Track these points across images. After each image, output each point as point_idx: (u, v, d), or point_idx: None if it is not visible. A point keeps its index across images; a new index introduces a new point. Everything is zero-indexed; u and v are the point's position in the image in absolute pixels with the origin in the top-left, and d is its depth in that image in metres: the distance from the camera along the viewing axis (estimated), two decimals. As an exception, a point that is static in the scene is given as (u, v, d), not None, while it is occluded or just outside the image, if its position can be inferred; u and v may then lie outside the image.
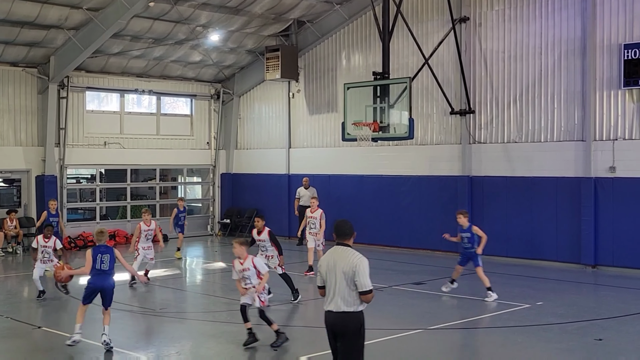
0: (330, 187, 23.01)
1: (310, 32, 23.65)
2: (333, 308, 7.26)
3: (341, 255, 7.30)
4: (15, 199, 22.23)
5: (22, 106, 21.82)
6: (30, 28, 19.88)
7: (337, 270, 7.24)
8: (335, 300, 7.24)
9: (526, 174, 18.87)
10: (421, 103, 20.74)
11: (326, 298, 7.36)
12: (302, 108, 24.31)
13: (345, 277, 7.19)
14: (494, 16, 19.44)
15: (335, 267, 7.27)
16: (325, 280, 7.36)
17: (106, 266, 10.74)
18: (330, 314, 7.29)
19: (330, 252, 7.45)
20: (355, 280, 7.17)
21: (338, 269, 7.24)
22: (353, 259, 7.23)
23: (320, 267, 7.45)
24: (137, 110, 25.06)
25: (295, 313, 13.43)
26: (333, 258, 7.34)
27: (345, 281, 7.19)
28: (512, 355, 10.49)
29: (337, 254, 7.35)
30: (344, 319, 7.23)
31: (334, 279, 7.25)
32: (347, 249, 7.36)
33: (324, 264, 7.39)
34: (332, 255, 7.39)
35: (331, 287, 7.28)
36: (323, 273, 7.39)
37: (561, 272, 17.35)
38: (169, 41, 22.46)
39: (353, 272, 7.17)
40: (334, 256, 7.36)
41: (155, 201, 25.28)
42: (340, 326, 7.25)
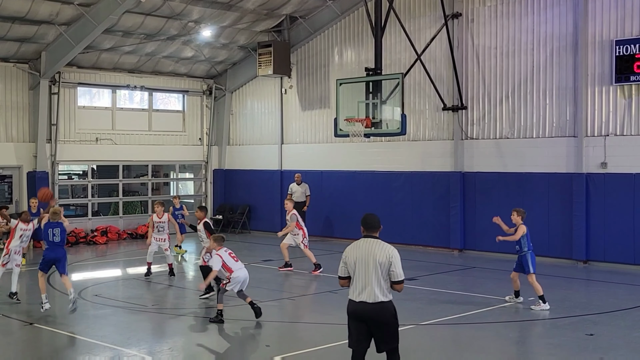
0: (322, 183, 23.02)
1: (302, 28, 23.62)
2: (367, 299, 7.38)
3: (375, 247, 7.47)
4: (7, 195, 22.13)
5: (13, 102, 21.73)
6: (21, 23, 19.78)
7: (371, 261, 7.39)
8: (370, 291, 7.38)
9: (518, 169, 18.92)
10: (413, 99, 20.75)
11: (354, 288, 7.48)
12: (295, 104, 24.29)
13: (381, 267, 7.38)
14: (487, 12, 19.46)
15: (369, 258, 7.42)
16: (355, 271, 7.47)
17: (57, 238, 12.46)
18: (365, 304, 7.39)
19: (360, 244, 7.57)
20: (391, 271, 7.39)
21: (372, 260, 7.39)
22: (388, 249, 7.46)
23: (347, 258, 7.57)
24: (129, 106, 24.99)
25: (283, 309, 13.43)
26: (365, 250, 7.48)
27: (380, 271, 7.38)
28: (503, 350, 10.53)
29: (370, 246, 7.50)
30: (382, 308, 7.41)
31: (369, 269, 7.39)
32: (378, 241, 7.55)
33: (353, 256, 7.52)
34: (363, 247, 7.52)
35: (364, 278, 7.41)
36: (351, 264, 7.51)
37: (553, 267, 17.40)
38: (161, 37, 22.40)
39: (389, 262, 7.39)
40: (366, 248, 7.50)
41: (148, 197, 25.22)
42: (378, 316, 7.41)
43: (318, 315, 12.74)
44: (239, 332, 11.52)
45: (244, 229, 25.19)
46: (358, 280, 7.45)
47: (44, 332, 11.43)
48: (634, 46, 16.83)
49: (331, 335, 11.19)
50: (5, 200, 21.91)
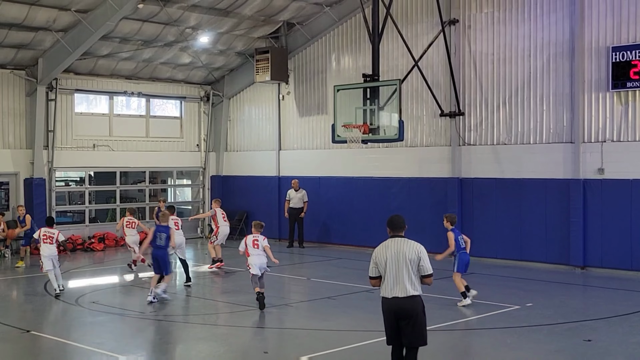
0: (320, 189, 23.02)
1: (300, 34, 23.65)
2: (400, 293, 7.91)
3: (403, 245, 8.05)
4: (4, 202, 22.09)
5: (10, 108, 21.70)
6: (18, 30, 19.78)
7: (402, 259, 7.94)
8: (402, 286, 7.92)
9: (515, 175, 18.93)
10: (411, 105, 20.77)
11: (386, 286, 8.00)
12: (292, 110, 24.30)
13: (411, 263, 7.94)
14: (483, 19, 19.51)
15: (399, 256, 7.95)
16: (386, 270, 7.97)
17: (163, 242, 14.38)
18: (397, 299, 7.92)
19: (389, 244, 8.10)
20: (421, 265, 7.96)
21: (403, 257, 7.94)
22: (416, 246, 8.07)
23: (377, 258, 8.08)
24: (127, 112, 24.97)
25: (281, 315, 13.41)
26: (395, 248, 8.03)
27: (411, 267, 7.94)
28: (501, 357, 10.52)
29: (399, 244, 8.06)
30: (413, 302, 7.94)
31: (400, 267, 7.93)
32: (405, 239, 8.15)
33: (384, 255, 8.02)
34: (392, 246, 8.06)
35: (395, 275, 7.94)
36: (382, 264, 8.01)
37: (550, 273, 17.42)
38: (158, 43, 22.41)
39: (419, 257, 7.97)
40: (395, 246, 8.04)
41: (145, 204, 25.18)
42: (409, 309, 7.93)
43: (317, 321, 12.72)
44: (237, 339, 11.50)
45: (242, 236, 25.11)
46: (390, 278, 7.96)
47: (41, 339, 11.39)
48: (630, 53, 16.87)
49: (330, 341, 11.18)
50: (2, 207, 21.88)
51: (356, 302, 14.31)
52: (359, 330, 11.78)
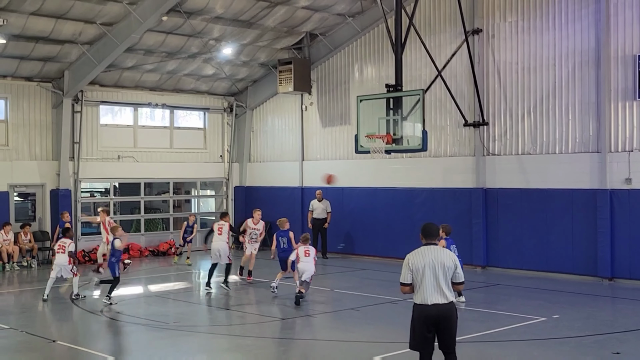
0: (343, 200, 22.97)
1: (322, 45, 23.69)
2: (440, 300, 8.01)
3: (439, 253, 8.19)
4: (30, 213, 22.32)
5: (36, 120, 21.97)
6: (45, 43, 20.04)
7: (440, 266, 8.05)
8: (441, 293, 8.02)
9: (541, 185, 18.74)
10: (434, 115, 20.69)
11: (424, 293, 8.04)
12: (315, 120, 24.32)
13: (448, 271, 8.08)
14: (507, 28, 19.40)
15: (436, 263, 8.06)
16: (424, 277, 8.03)
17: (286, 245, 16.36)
18: (437, 306, 8.00)
19: (424, 252, 8.19)
20: (457, 273, 8.16)
21: (441, 264, 8.06)
22: (451, 254, 8.28)
23: (413, 265, 8.12)
24: (151, 123, 25.16)
25: (306, 326, 13.35)
26: (432, 256, 8.12)
27: (447, 274, 8.08)
28: (528, 370, 10.38)
29: (434, 252, 8.17)
30: (451, 308, 8.10)
31: (437, 274, 8.03)
32: (440, 247, 8.35)
33: (421, 262, 8.08)
34: (429, 254, 8.15)
35: (433, 282, 8.02)
36: (419, 271, 8.07)
37: (577, 284, 17.19)
38: (182, 55, 22.57)
39: (455, 265, 8.16)
40: (432, 254, 8.14)
41: (169, 214, 25.32)
42: (447, 315, 8.06)
43: (340, 332, 12.65)
44: (261, 350, 11.47)
45: (265, 246, 25.15)
46: (428, 285, 8.03)
47: (66, 349, 11.44)
48: (658, 61, 16.66)
49: (354, 352, 11.11)
50: (29, 218, 22.11)
51: (380, 313, 14.22)
52: (382, 341, 11.69)
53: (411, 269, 8.12)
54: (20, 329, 12.74)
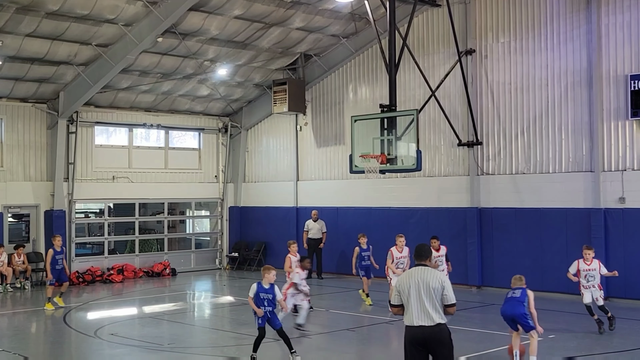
0: (338, 219, 22.98)
1: (317, 66, 23.82)
2: (426, 322, 7.87)
3: (426, 274, 8.02)
4: (24, 234, 22.25)
5: (31, 141, 21.97)
6: (40, 64, 20.10)
7: (425, 288, 7.92)
8: (428, 315, 7.89)
9: (535, 205, 18.80)
10: (428, 135, 20.78)
11: (411, 314, 7.95)
12: (310, 141, 24.38)
13: (435, 292, 7.90)
14: (500, 48, 19.55)
15: (422, 284, 7.94)
16: (410, 298, 7.94)
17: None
18: (424, 328, 7.87)
19: (412, 272, 8.11)
20: (445, 295, 7.93)
21: (426, 286, 7.92)
22: (439, 275, 8.07)
23: (401, 286, 8.05)
24: (146, 144, 25.17)
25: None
26: (418, 277, 8.00)
27: (434, 296, 7.90)
28: (524, 390, 10.35)
29: (422, 273, 8.04)
30: (441, 330, 7.91)
31: (424, 295, 7.91)
32: (428, 269, 8.14)
33: (407, 283, 7.99)
34: (416, 275, 8.04)
35: (420, 304, 7.91)
36: (405, 292, 7.99)
37: (572, 304, 17.14)
38: (177, 76, 22.65)
39: (442, 287, 7.94)
40: (418, 275, 8.02)
41: (164, 235, 25.27)
42: (437, 338, 7.89)
43: (336, 354, 12.61)
44: (255, 372, 11.42)
45: (260, 267, 25.09)
46: (415, 306, 7.93)
47: (60, 372, 11.38)
48: (649, 81, 16.80)
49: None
50: (23, 239, 22.03)
51: (375, 333, 14.18)
52: (378, 362, 11.65)
53: (398, 290, 8.08)
54: (13, 352, 12.65)
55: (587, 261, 13.73)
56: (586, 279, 13.75)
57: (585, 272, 13.74)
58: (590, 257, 13.75)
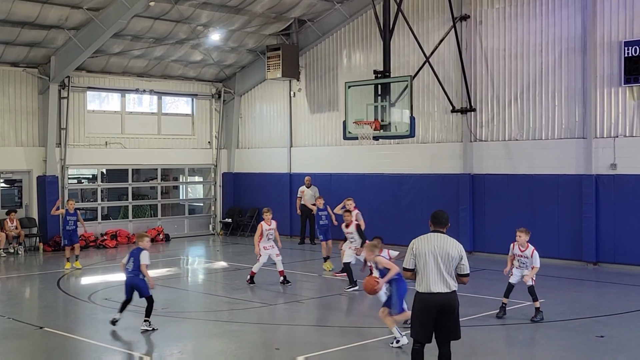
0: (331, 186, 23.01)
1: (311, 31, 23.65)
2: (443, 289, 7.86)
3: (445, 241, 7.96)
4: (17, 200, 22.24)
5: (22, 106, 21.84)
6: (31, 28, 19.89)
7: (444, 255, 7.87)
8: (445, 282, 7.87)
9: (527, 171, 18.87)
10: (422, 101, 20.74)
11: (427, 281, 7.88)
12: (304, 107, 24.31)
13: (453, 261, 7.88)
14: (495, 14, 19.43)
15: (441, 251, 7.88)
16: (427, 264, 7.87)
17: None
18: (440, 294, 7.85)
19: (429, 238, 8.01)
20: (462, 264, 7.95)
21: (445, 253, 7.87)
22: (458, 245, 8.01)
23: (418, 250, 7.95)
24: (138, 110, 25.06)
25: (294, 311, 13.43)
26: (437, 244, 7.93)
27: (451, 264, 7.88)
28: (513, 353, 10.50)
29: (440, 240, 7.97)
30: (455, 296, 7.95)
31: (441, 263, 7.85)
32: (446, 236, 8.05)
33: (424, 249, 7.91)
34: (434, 241, 7.96)
35: (436, 270, 7.85)
36: (422, 256, 7.90)
37: (562, 269, 17.34)
38: (170, 41, 22.46)
39: (460, 256, 7.94)
40: (437, 242, 7.95)
41: (157, 201, 25.28)
42: (451, 304, 7.92)
43: (328, 318, 12.73)
44: (249, 335, 11.53)
45: (253, 232, 25.19)
46: (431, 273, 7.86)
47: (54, 336, 11.46)
48: (643, 47, 16.76)
49: (341, 337, 11.19)
50: (15, 205, 22.02)
51: (367, 298, 14.30)
52: (369, 326, 11.77)
53: (414, 254, 7.97)
54: (7, 316, 12.74)
55: (521, 246, 12.34)
56: (519, 263, 12.37)
57: (518, 258, 12.35)
58: (524, 242, 12.34)
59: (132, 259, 11.71)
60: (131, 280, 11.71)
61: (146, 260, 11.58)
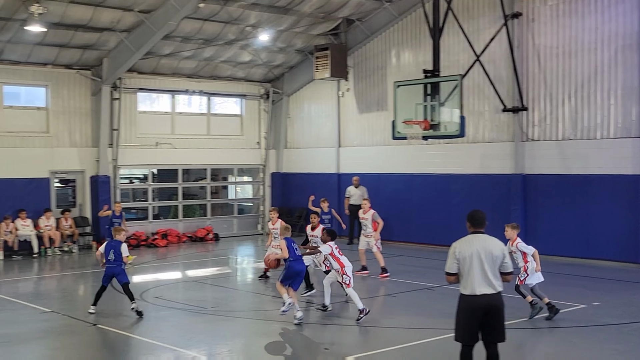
0: (380, 186, 22.89)
1: (359, 31, 23.56)
2: (488, 290, 7.79)
3: (487, 241, 7.90)
4: (71, 199, 22.68)
5: (76, 108, 22.26)
6: (84, 31, 20.26)
7: (487, 256, 7.79)
8: (490, 283, 7.80)
9: (581, 171, 18.45)
10: (472, 100, 20.47)
11: (471, 283, 7.80)
12: (352, 107, 24.24)
13: (496, 260, 7.83)
14: (548, 11, 19.06)
15: (485, 252, 7.80)
16: (472, 266, 7.78)
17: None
18: (486, 296, 7.78)
19: (471, 240, 7.92)
20: (505, 262, 7.90)
21: (488, 254, 7.80)
22: (499, 243, 7.94)
23: (461, 254, 7.85)
24: (188, 110, 25.34)
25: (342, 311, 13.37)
26: (479, 245, 7.85)
27: (495, 264, 7.83)
28: (567, 356, 10.26)
29: (482, 241, 7.89)
30: (501, 298, 7.89)
31: (486, 264, 7.78)
32: (488, 236, 7.98)
33: (467, 251, 7.82)
34: (476, 243, 7.88)
35: (482, 272, 7.78)
36: (465, 260, 7.81)
37: (618, 271, 16.91)
38: (219, 42, 22.64)
39: (503, 255, 7.89)
40: (479, 243, 7.87)
41: (207, 201, 25.51)
42: (497, 305, 7.85)
43: (377, 318, 12.64)
44: (298, 335, 11.52)
45: (302, 232, 25.20)
46: (476, 275, 7.79)
47: (106, 332, 11.63)
48: None
49: (391, 338, 11.10)
50: (69, 204, 22.46)
51: (417, 299, 14.17)
52: (419, 327, 11.65)
53: (457, 257, 7.86)
54: (62, 313, 12.99)
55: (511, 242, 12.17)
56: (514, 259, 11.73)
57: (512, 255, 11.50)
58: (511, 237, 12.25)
59: (112, 250, 12.71)
60: (112, 269, 12.72)
61: (126, 252, 12.92)
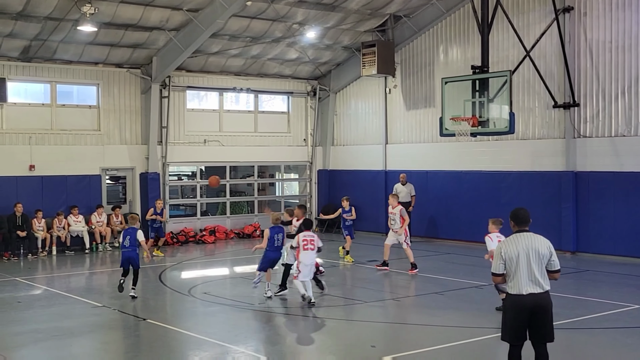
0: (427, 183, 22.72)
1: (406, 27, 23.39)
2: (536, 290, 7.69)
3: (534, 240, 7.79)
4: (121, 196, 23.05)
5: (126, 106, 22.61)
6: (134, 30, 20.55)
7: (535, 254, 7.70)
8: (537, 282, 7.70)
9: (636, 169, 18.00)
10: (522, 97, 20.15)
11: (519, 283, 7.70)
12: (399, 103, 24.09)
13: (543, 259, 7.73)
14: (600, 5, 18.64)
15: (531, 251, 7.71)
16: (518, 266, 7.68)
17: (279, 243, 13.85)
18: (534, 295, 7.68)
19: (517, 239, 7.81)
20: (552, 260, 7.80)
21: (535, 252, 7.71)
22: (545, 241, 7.83)
23: (507, 254, 7.75)
24: (236, 108, 25.51)
25: (384, 310, 13.29)
26: (526, 243, 7.75)
27: (542, 263, 7.74)
28: (620, 357, 10.02)
29: (529, 240, 7.79)
30: (548, 297, 7.79)
31: (533, 262, 7.69)
32: (533, 234, 7.86)
33: (514, 251, 7.73)
34: (522, 242, 7.77)
35: (529, 271, 7.68)
36: (512, 260, 7.71)
37: (674, 272, 16.46)
38: (266, 39, 22.72)
39: (550, 252, 7.79)
40: (526, 242, 7.76)
41: (254, 197, 25.66)
42: (545, 304, 7.76)
43: (424, 316, 12.54)
44: (345, 332, 11.50)
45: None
46: (523, 274, 7.69)
47: (156, 327, 11.78)
48: None
49: (439, 337, 11.00)
50: (120, 200, 22.84)
51: (465, 297, 14.01)
52: (467, 326, 11.51)
53: (504, 258, 7.77)
54: (113, 307, 13.20)
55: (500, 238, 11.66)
56: None
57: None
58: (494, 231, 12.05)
59: (128, 237, 13.60)
60: (128, 254, 13.64)
61: (142, 237, 13.70)
